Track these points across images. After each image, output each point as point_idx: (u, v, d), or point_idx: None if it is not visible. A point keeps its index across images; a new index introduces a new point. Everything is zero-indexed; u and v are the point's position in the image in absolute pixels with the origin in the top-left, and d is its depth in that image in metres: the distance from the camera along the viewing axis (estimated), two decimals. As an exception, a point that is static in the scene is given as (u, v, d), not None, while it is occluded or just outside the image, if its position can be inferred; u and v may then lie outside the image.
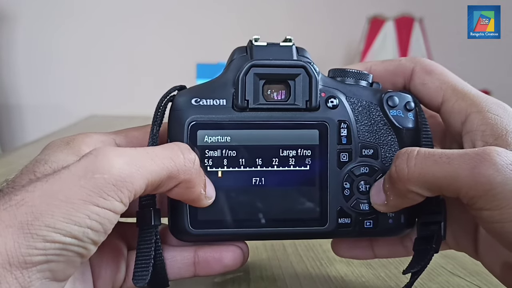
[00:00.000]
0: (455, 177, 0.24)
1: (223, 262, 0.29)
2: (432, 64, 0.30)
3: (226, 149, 0.28)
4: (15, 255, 0.19)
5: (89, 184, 0.21)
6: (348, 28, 1.93)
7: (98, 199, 0.21)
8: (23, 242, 0.20)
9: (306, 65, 0.28)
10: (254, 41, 0.29)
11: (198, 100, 0.28)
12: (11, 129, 1.92)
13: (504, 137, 0.26)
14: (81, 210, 0.21)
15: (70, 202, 0.20)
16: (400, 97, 0.30)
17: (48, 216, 0.20)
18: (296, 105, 0.28)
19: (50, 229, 0.20)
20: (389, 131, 0.29)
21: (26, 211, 0.20)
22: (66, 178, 0.21)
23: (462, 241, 0.30)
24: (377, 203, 0.28)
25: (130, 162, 0.22)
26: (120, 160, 0.22)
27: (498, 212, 0.23)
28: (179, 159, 0.24)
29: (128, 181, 0.22)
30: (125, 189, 0.22)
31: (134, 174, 0.22)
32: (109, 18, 1.89)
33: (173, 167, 0.24)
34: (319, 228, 0.29)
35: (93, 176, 0.21)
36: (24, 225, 0.20)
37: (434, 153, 0.25)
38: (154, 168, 0.23)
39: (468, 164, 0.23)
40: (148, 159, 0.23)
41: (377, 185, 0.28)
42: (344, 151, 0.29)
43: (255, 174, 0.28)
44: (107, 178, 0.21)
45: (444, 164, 0.24)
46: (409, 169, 0.25)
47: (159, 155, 0.24)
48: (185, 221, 0.28)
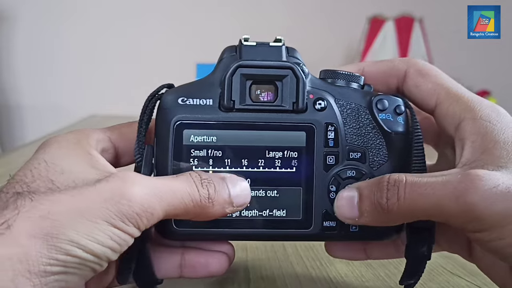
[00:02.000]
0: (441, 208, 0.24)
1: (208, 268, 0.29)
2: (426, 66, 0.30)
3: (212, 149, 0.28)
4: (36, 264, 0.20)
5: (114, 208, 0.22)
6: (348, 28, 1.93)
7: (120, 224, 0.22)
8: (46, 253, 0.21)
9: (294, 66, 0.28)
10: (244, 40, 0.28)
11: (185, 100, 0.28)
12: (11, 129, 1.92)
13: (491, 150, 0.25)
14: (105, 230, 0.22)
15: (95, 222, 0.22)
16: (390, 100, 0.29)
17: (73, 232, 0.21)
18: (283, 107, 0.28)
19: (73, 244, 0.21)
20: (378, 135, 0.29)
21: (52, 225, 0.21)
22: (93, 198, 0.22)
23: (455, 246, 0.31)
24: (346, 216, 0.27)
25: (153, 193, 0.23)
26: (144, 190, 0.23)
27: (488, 233, 0.24)
28: (195, 195, 0.25)
29: (149, 212, 0.23)
30: (145, 218, 0.23)
31: (156, 206, 0.23)
32: (109, 18, 1.89)
33: (190, 203, 0.25)
34: (303, 231, 0.29)
35: (119, 201, 0.22)
36: (48, 238, 0.21)
37: (419, 184, 0.25)
38: (174, 201, 0.24)
39: (452, 194, 0.24)
40: (169, 191, 0.24)
41: (349, 199, 0.27)
42: (331, 154, 0.29)
43: (240, 174, 0.28)
44: (131, 206, 0.23)
45: (429, 196, 0.24)
46: (399, 204, 0.25)
47: (179, 188, 0.25)
48: (170, 220, 0.28)
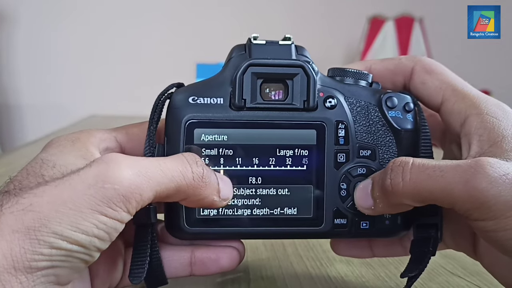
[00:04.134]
0: (449, 192, 0.24)
1: (219, 263, 0.29)
2: (432, 63, 0.30)
3: (223, 148, 0.28)
4: (20, 260, 0.20)
5: (99, 194, 0.21)
6: (348, 28, 1.93)
7: (106, 210, 0.21)
8: (29, 247, 0.20)
9: (304, 64, 0.28)
10: (253, 39, 0.28)
11: (196, 99, 0.28)
12: (11, 129, 1.92)
13: (500, 143, 0.25)
14: (89, 219, 0.21)
15: (78, 211, 0.21)
16: (399, 98, 0.29)
17: (55, 223, 0.20)
18: (293, 105, 0.28)
19: (57, 236, 0.20)
20: (387, 132, 0.29)
21: (34, 217, 0.20)
22: (76, 185, 0.21)
23: (461, 241, 0.30)
24: (364, 206, 0.28)
25: (140, 173, 0.22)
26: (130, 171, 0.22)
27: (493, 222, 0.23)
28: (188, 173, 0.24)
29: (137, 193, 0.22)
30: (133, 200, 0.22)
31: (144, 186, 0.22)
32: (109, 18, 1.89)
33: (182, 181, 0.24)
34: (314, 228, 0.29)
35: (103, 186, 0.21)
36: (31, 231, 0.20)
37: (428, 166, 0.25)
38: (163, 180, 0.23)
39: (461, 177, 0.23)
40: (158, 171, 0.23)
41: (364, 189, 0.28)
42: (342, 152, 0.29)
43: (251, 173, 0.28)
44: (117, 189, 0.21)
45: (438, 178, 0.24)
46: (404, 184, 0.25)
47: (169, 167, 0.23)
48: (181, 219, 0.28)
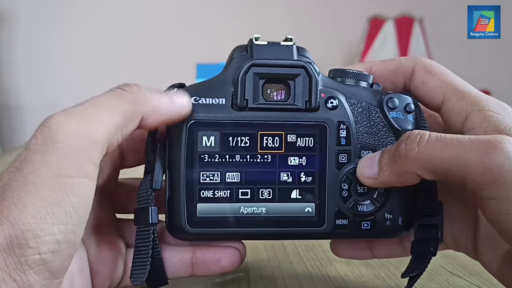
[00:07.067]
0: (465, 162, 0.23)
1: (220, 263, 0.29)
2: (432, 63, 0.30)
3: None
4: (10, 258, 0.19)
5: (55, 156, 0.20)
6: (348, 28, 1.93)
7: (70, 169, 0.20)
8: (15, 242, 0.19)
9: (306, 65, 0.28)
10: (255, 40, 0.29)
11: (197, 99, 0.28)
12: (11, 129, 1.92)
13: (509, 131, 0.25)
14: (57, 199, 0.20)
15: (42, 192, 0.20)
16: (400, 98, 0.29)
17: (27, 214, 0.19)
18: (295, 105, 0.28)
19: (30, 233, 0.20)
20: (389, 133, 0.29)
21: (10, 204, 0.19)
22: (33, 160, 0.20)
23: (461, 241, 0.30)
24: (367, 175, 0.28)
25: (83, 120, 0.21)
26: (73, 123, 0.21)
27: (505, 202, 0.23)
28: (123, 94, 0.24)
29: (90, 139, 0.21)
30: (91, 148, 0.21)
31: (90, 130, 0.21)
32: (108, 18, 1.89)
33: (123, 105, 0.23)
34: (316, 229, 0.29)
35: (55, 146, 0.20)
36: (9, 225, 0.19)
37: (445, 136, 0.25)
38: (104, 115, 0.22)
39: (479, 150, 0.23)
40: (95, 110, 0.22)
41: (371, 158, 0.28)
42: (343, 152, 0.29)
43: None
44: (69, 144, 0.20)
45: (455, 147, 0.24)
46: (419, 149, 0.25)
47: (104, 102, 0.23)
48: (182, 220, 0.28)
